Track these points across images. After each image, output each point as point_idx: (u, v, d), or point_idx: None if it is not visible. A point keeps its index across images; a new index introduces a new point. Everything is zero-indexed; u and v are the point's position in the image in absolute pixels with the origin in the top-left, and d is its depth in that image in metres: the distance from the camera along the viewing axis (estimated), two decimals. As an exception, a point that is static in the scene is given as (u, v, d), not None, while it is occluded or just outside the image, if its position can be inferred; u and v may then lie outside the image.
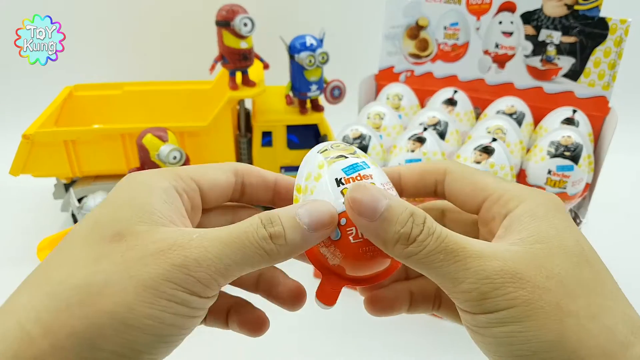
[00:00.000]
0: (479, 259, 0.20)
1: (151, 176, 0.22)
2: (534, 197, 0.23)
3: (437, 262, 0.20)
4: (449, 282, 0.20)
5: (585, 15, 0.64)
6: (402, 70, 0.78)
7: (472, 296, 0.20)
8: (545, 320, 0.19)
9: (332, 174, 0.23)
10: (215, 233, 0.20)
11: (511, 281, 0.19)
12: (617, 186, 0.87)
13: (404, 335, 0.59)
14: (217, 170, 0.25)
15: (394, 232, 0.20)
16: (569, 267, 0.20)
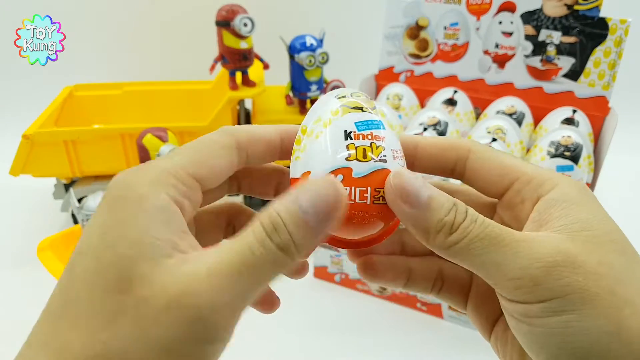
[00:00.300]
0: (527, 242, 0.19)
1: (143, 188, 0.20)
2: (566, 181, 0.22)
3: (480, 249, 0.19)
4: (494, 269, 0.19)
5: (585, 15, 0.64)
6: (402, 70, 0.78)
7: (523, 283, 0.18)
8: (603, 309, 0.18)
9: (343, 125, 0.22)
10: (224, 265, 0.18)
11: (564, 265, 0.18)
12: (617, 186, 0.87)
13: (404, 335, 0.59)
14: (218, 149, 0.22)
15: (437, 220, 0.19)
16: (617, 255, 0.19)
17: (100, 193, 0.59)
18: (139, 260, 0.18)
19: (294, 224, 0.18)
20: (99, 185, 0.75)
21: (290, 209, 0.19)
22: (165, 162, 0.21)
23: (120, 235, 0.18)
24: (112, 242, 0.18)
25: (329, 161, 0.21)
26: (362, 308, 0.63)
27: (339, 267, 0.64)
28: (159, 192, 0.20)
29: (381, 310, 0.63)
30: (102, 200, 0.20)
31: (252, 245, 0.18)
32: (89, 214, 0.57)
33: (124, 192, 0.20)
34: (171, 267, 0.18)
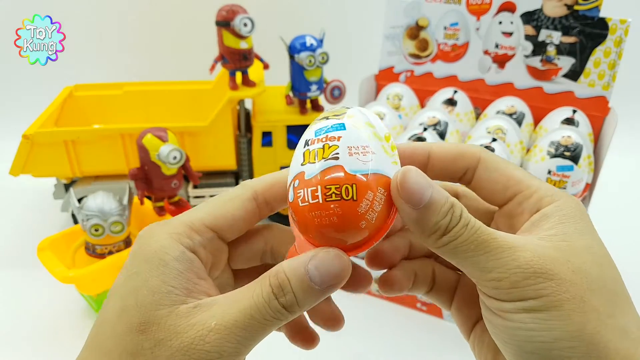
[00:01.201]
0: (510, 249, 0.21)
1: (163, 240, 0.23)
2: (564, 199, 0.23)
3: (468, 252, 0.21)
4: (478, 270, 0.21)
5: (585, 16, 0.64)
6: (402, 70, 0.78)
7: (502, 284, 0.20)
8: (570, 312, 0.20)
9: (306, 135, 0.23)
10: (231, 320, 0.21)
11: (540, 272, 0.20)
12: (617, 186, 0.87)
13: (404, 335, 0.59)
14: (235, 201, 0.25)
15: (434, 222, 0.21)
16: (594, 265, 0.21)
17: (100, 193, 0.59)
18: (157, 306, 0.21)
19: (301, 288, 0.21)
20: (99, 185, 0.75)
21: (298, 274, 0.21)
22: (186, 215, 0.24)
23: (142, 283, 0.21)
24: (135, 288, 0.21)
25: (292, 170, 0.23)
26: (362, 308, 0.63)
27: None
28: (176, 243, 0.23)
29: (381, 310, 0.63)
30: (132, 249, 0.23)
31: (259, 304, 0.21)
32: (89, 214, 0.57)
33: (147, 243, 0.23)
34: (185, 314, 0.21)
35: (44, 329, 0.59)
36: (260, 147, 0.78)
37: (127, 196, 0.61)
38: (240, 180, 0.81)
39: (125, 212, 0.60)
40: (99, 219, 0.57)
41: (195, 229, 0.23)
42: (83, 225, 0.58)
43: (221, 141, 0.77)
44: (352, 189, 0.21)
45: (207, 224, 0.24)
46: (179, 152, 0.62)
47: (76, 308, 0.62)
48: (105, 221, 0.58)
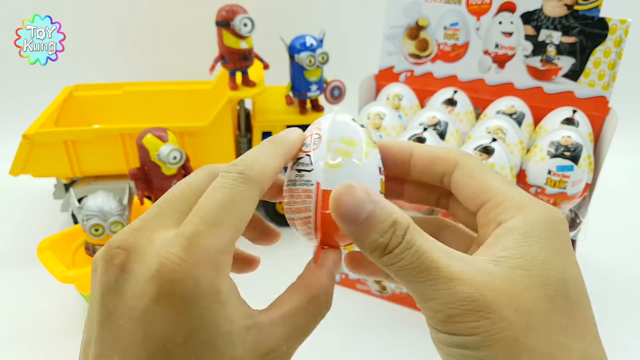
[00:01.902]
0: (450, 281, 0.19)
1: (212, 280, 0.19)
2: (534, 212, 0.22)
3: (409, 277, 0.20)
4: (417, 297, 0.21)
5: (585, 16, 0.64)
6: (402, 71, 0.78)
7: (437, 316, 0.20)
8: (501, 352, 0.19)
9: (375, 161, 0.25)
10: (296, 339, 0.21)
11: (476, 310, 0.19)
12: (617, 186, 0.87)
13: (404, 335, 0.59)
14: (248, 205, 0.22)
15: (372, 240, 0.20)
16: (542, 301, 0.20)
17: (100, 193, 0.59)
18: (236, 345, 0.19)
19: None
20: (99, 185, 0.75)
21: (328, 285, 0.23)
22: (216, 237, 0.20)
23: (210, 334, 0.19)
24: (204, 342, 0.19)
25: (376, 182, 0.24)
26: (362, 308, 0.63)
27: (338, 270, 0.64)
28: (226, 279, 0.20)
29: (381, 310, 0.63)
30: (159, 297, 0.18)
31: (316, 323, 0.22)
32: (89, 214, 0.57)
33: (197, 292, 0.19)
34: (255, 343, 0.20)
35: (44, 329, 0.59)
36: (260, 147, 0.78)
37: (127, 196, 0.61)
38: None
39: (125, 212, 0.60)
40: (99, 219, 0.57)
41: (230, 253, 0.20)
42: (83, 225, 0.58)
43: (221, 141, 0.77)
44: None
45: (235, 242, 0.21)
46: (179, 152, 0.62)
47: (76, 308, 0.62)
48: (105, 221, 0.58)
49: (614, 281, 0.68)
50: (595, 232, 0.65)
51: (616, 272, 0.70)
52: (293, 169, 0.25)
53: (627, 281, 0.68)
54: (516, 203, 0.22)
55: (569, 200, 0.59)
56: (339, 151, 0.24)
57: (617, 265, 0.71)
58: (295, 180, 0.24)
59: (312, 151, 0.24)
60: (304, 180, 0.24)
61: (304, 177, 0.24)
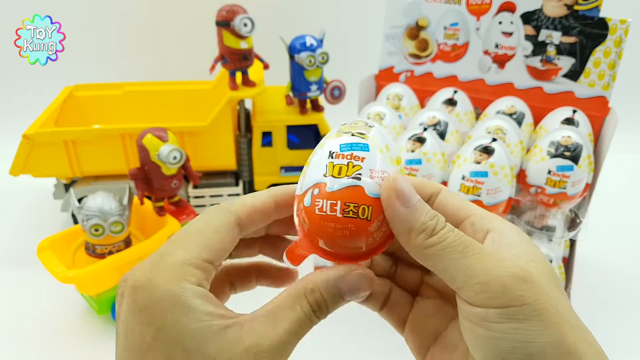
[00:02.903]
0: (496, 254, 0.22)
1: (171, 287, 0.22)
2: (506, 224, 0.25)
3: (454, 254, 0.22)
4: (463, 272, 0.22)
5: (585, 16, 0.64)
6: (402, 71, 0.78)
7: (488, 288, 0.21)
8: (549, 322, 0.20)
9: (330, 146, 0.25)
10: (279, 337, 0.22)
11: (523, 280, 0.21)
12: (617, 186, 0.87)
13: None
14: (221, 232, 0.24)
15: (422, 222, 0.23)
16: (554, 286, 0.22)
17: (100, 193, 0.59)
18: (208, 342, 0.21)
19: (334, 304, 0.24)
20: (99, 185, 0.75)
21: (333, 293, 0.23)
22: (180, 253, 0.23)
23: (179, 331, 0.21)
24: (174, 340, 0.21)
25: (312, 176, 0.24)
26: (362, 308, 0.63)
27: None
28: (185, 283, 0.22)
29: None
30: (128, 307, 0.22)
31: (302, 322, 0.23)
32: (89, 214, 0.57)
33: (152, 295, 0.21)
34: (235, 340, 0.21)
35: (44, 329, 0.59)
36: (260, 147, 0.78)
37: (127, 196, 0.61)
38: (241, 181, 0.82)
39: (125, 212, 0.60)
40: (99, 219, 0.57)
41: (196, 266, 0.23)
42: (83, 225, 0.58)
43: (221, 141, 0.77)
44: (368, 210, 0.23)
45: (205, 258, 0.23)
46: (179, 152, 0.62)
47: (76, 308, 0.62)
48: (105, 221, 0.58)
49: (614, 281, 0.68)
50: (595, 232, 0.65)
51: (616, 272, 0.70)
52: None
53: (627, 281, 0.68)
54: (492, 218, 0.26)
55: (569, 200, 0.59)
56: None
57: (617, 265, 0.71)
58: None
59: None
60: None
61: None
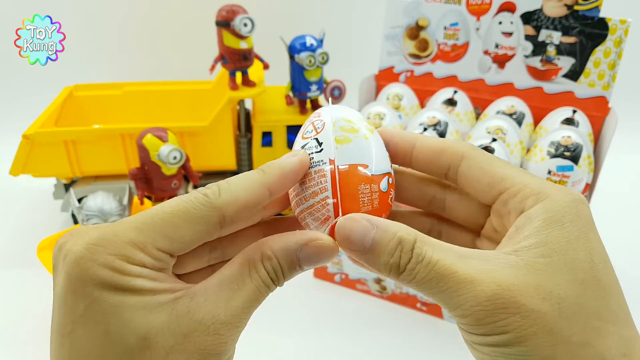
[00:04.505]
0: (470, 284, 0.19)
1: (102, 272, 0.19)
2: (554, 197, 0.21)
3: (430, 289, 0.20)
4: (444, 306, 0.20)
5: (585, 16, 0.64)
6: (402, 71, 0.78)
7: (468, 320, 0.20)
8: (537, 346, 0.18)
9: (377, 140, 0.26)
10: (236, 306, 0.21)
11: (504, 307, 0.19)
12: (617, 186, 0.87)
13: (404, 335, 0.59)
14: (196, 226, 0.21)
15: (384, 262, 0.21)
16: (571, 286, 0.19)
17: (100, 193, 0.59)
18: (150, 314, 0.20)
19: (290, 272, 0.22)
20: (99, 185, 0.75)
21: (290, 260, 0.22)
22: (133, 233, 0.20)
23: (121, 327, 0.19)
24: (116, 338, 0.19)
25: (385, 163, 0.25)
26: (362, 308, 0.63)
27: (339, 267, 0.64)
28: (132, 264, 0.20)
29: (381, 310, 0.63)
30: (63, 280, 0.20)
31: (261, 288, 0.21)
32: (89, 214, 0.57)
33: (90, 270, 0.19)
34: (184, 312, 0.20)
35: (45, 329, 0.59)
36: (260, 147, 0.78)
37: (127, 196, 0.61)
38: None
39: (125, 212, 0.60)
40: (99, 219, 0.57)
41: (147, 252, 0.20)
42: (83, 225, 0.58)
43: (221, 141, 0.77)
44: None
45: (160, 247, 0.20)
46: (179, 152, 0.62)
47: (76, 308, 0.62)
48: (105, 221, 0.58)
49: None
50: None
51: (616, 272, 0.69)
52: None
53: (627, 281, 0.67)
54: (535, 190, 0.21)
55: (569, 200, 0.59)
56: (345, 129, 0.24)
57: (617, 266, 0.71)
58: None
59: (317, 134, 0.25)
60: (315, 162, 0.24)
61: (314, 159, 0.24)
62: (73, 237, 0.20)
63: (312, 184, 0.24)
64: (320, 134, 0.25)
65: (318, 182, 0.24)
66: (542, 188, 0.21)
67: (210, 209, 0.21)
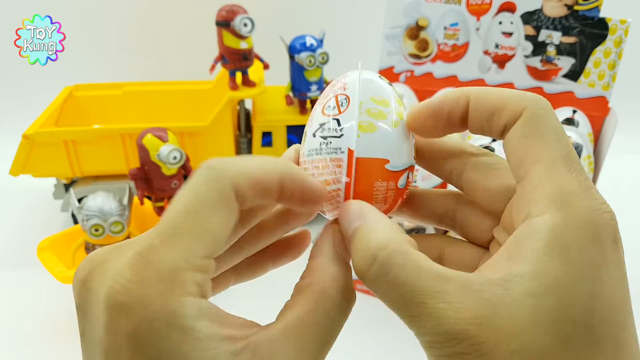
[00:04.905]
0: (435, 320, 0.16)
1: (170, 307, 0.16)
2: (570, 208, 0.16)
3: (392, 308, 0.18)
4: (406, 324, 0.18)
5: (585, 16, 0.64)
6: (402, 71, 0.78)
7: (423, 348, 0.18)
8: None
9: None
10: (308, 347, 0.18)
11: (463, 352, 0.16)
12: (617, 186, 0.87)
13: (404, 335, 0.59)
14: (220, 214, 0.18)
15: (354, 262, 0.19)
16: (553, 341, 0.15)
17: (100, 193, 0.59)
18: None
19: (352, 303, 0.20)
20: (99, 185, 0.75)
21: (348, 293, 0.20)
22: (173, 252, 0.16)
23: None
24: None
25: (408, 157, 0.23)
26: (362, 308, 0.63)
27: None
28: (189, 299, 0.16)
29: (381, 310, 0.63)
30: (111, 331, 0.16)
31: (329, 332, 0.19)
32: (89, 214, 0.57)
33: (145, 320, 0.15)
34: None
35: (44, 329, 0.59)
36: (260, 147, 0.78)
37: (127, 196, 0.61)
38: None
39: (125, 212, 0.60)
40: (99, 219, 0.57)
41: (195, 268, 0.17)
42: (83, 225, 0.58)
43: (221, 141, 0.77)
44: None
45: (203, 254, 0.17)
46: (179, 152, 0.62)
47: (76, 308, 0.62)
48: (105, 221, 0.58)
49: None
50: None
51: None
52: (317, 136, 0.22)
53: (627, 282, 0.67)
54: (553, 191, 0.17)
55: (569, 201, 0.59)
56: (371, 113, 0.22)
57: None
58: (321, 148, 0.22)
59: (340, 114, 0.22)
60: (332, 148, 0.21)
61: (332, 144, 0.22)
62: (98, 273, 0.17)
63: (326, 172, 0.22)
64: (342, 114, 0.22)
65: (333, 172, 0.21)
66: (562, 191, 0.17)
67: (222, 181, 0.18)
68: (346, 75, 0.23)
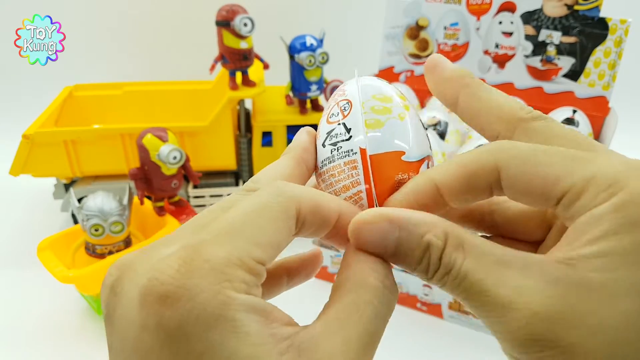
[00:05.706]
0: (501, 309, 0.16)
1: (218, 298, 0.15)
2: (634, 187, 0.16)
3: (461, 301, 0.17)
4: (481, 320, 0.17)
5: (585, 16, 0.64)
6: (402, 70, 0.78)
7: (502, 344, 0.17)
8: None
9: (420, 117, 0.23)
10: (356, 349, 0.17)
11: (538, 340, 0.15)
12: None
13: (404, 335, 0.59)
14: (278, 223, 0.17)
15: (412, 268, 0.18)
16: (632, 318, 0.15)
17: (100, 193, 0.59)
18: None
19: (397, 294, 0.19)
20: (99, 185, 0.75)
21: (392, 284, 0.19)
22: (224, 248, 0.16)
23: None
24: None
25: (426, 146, 0.22)
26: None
27: (339, 267, 0.64)
28: (239, 294, 0.15)
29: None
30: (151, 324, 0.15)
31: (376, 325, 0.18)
32: (89, 214, 0.57)
33: (193, 312, 0.15)
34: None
35: (44, 329, 0.59)
36: (260, 147, 0.78)
37: (127, 196, 0.61)
38: (241, 182, 0.81)
39: (125, 212, 0.60)
40: (99, 219, 0.57)
41: (246, 268, 0.16)
42: (83, 225, 0.58)
43: (221, 141, 0.77)
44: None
45: (257, 257, 0.16)
46: (179, 152, 0.62)
47: (76, 308, 0.62)
48: (105, 221, 0.58)
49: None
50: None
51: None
52: (326, 145, 0.22)
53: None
54: (606, 181, 0.16)
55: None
56: (376, 109, 0.21)
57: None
58: (332, 155, 0.21)
59: (344, 118, 0.22)
60: (344, 152, 0.21)
61: (343, 148, 0.21)
62: (129, 274, 0.16)
63: (342, 177, 0.21)
64: (347, 117, 0.21)
65: (349, 175, 0.21)
66: (617, 176, 0.16)
67: (287, 199, 0.18)
68: (345, 83, 0.23)
